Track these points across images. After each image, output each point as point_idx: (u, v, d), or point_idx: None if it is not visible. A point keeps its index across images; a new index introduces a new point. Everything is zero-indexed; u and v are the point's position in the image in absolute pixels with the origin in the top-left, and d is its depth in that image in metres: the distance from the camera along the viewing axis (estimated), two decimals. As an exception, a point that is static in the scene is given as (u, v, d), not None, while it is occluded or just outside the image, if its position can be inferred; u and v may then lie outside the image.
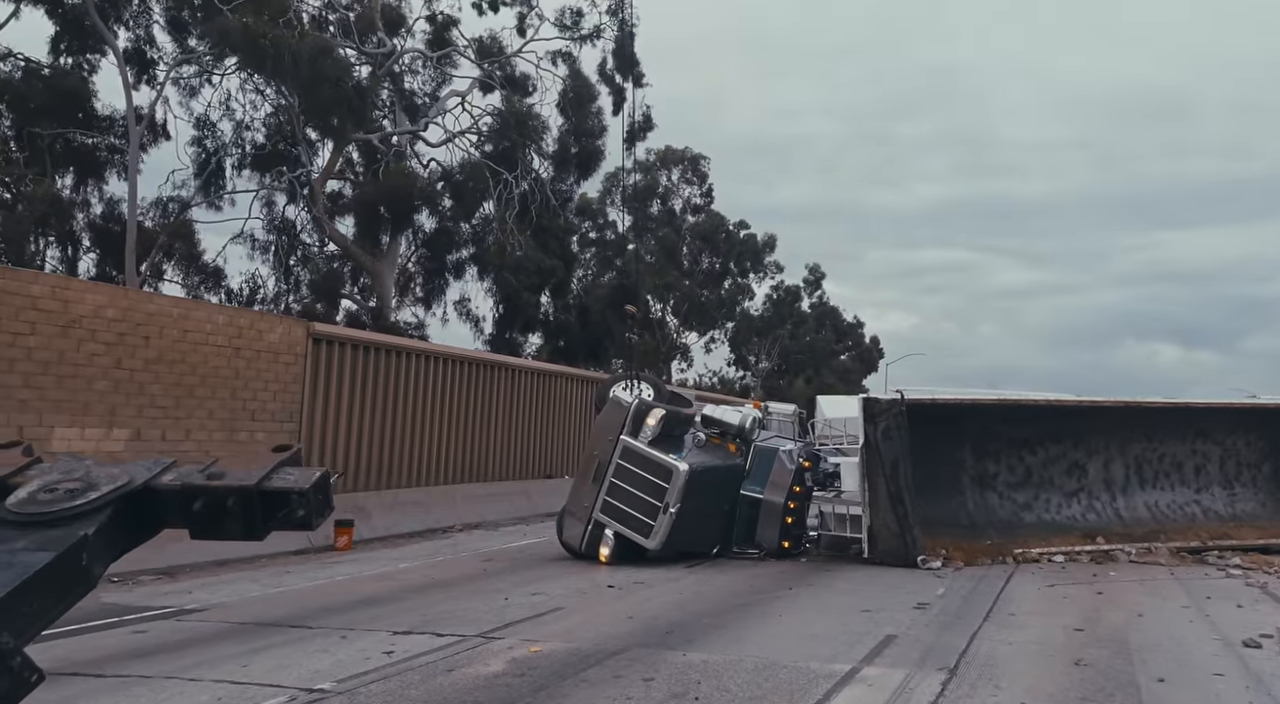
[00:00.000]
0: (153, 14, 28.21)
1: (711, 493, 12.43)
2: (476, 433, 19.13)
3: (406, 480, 16.89)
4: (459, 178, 30.10)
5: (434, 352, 18.66)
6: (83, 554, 1.80)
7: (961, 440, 14.54)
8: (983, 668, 6.80)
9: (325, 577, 10.88)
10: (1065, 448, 15.09)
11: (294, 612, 8.60)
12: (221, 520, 2.00)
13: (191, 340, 12.78)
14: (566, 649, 7.13)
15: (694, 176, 48.83)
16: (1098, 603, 9.77)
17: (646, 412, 12.43)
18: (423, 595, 9.57)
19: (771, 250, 51.22)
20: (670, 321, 49.20)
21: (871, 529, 12.51)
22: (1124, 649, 7.47)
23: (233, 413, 13.33)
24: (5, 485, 1.95)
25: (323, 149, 29.79)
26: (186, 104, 28.92)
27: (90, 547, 1.81)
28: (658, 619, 8.42)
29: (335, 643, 7.31)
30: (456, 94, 31.07)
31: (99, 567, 1.87)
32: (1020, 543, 13.45)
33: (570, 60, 31.52)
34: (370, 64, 29.11)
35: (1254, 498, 15.84)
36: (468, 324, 33.62)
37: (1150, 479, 15.50)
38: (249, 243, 30.73)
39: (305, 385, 14.54)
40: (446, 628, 7.84)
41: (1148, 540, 13.97)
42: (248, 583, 10.32)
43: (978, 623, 8.52)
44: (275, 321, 14.94)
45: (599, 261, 42.58)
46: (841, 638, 7.73)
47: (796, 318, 56.50)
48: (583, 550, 12.21)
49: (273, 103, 28.88)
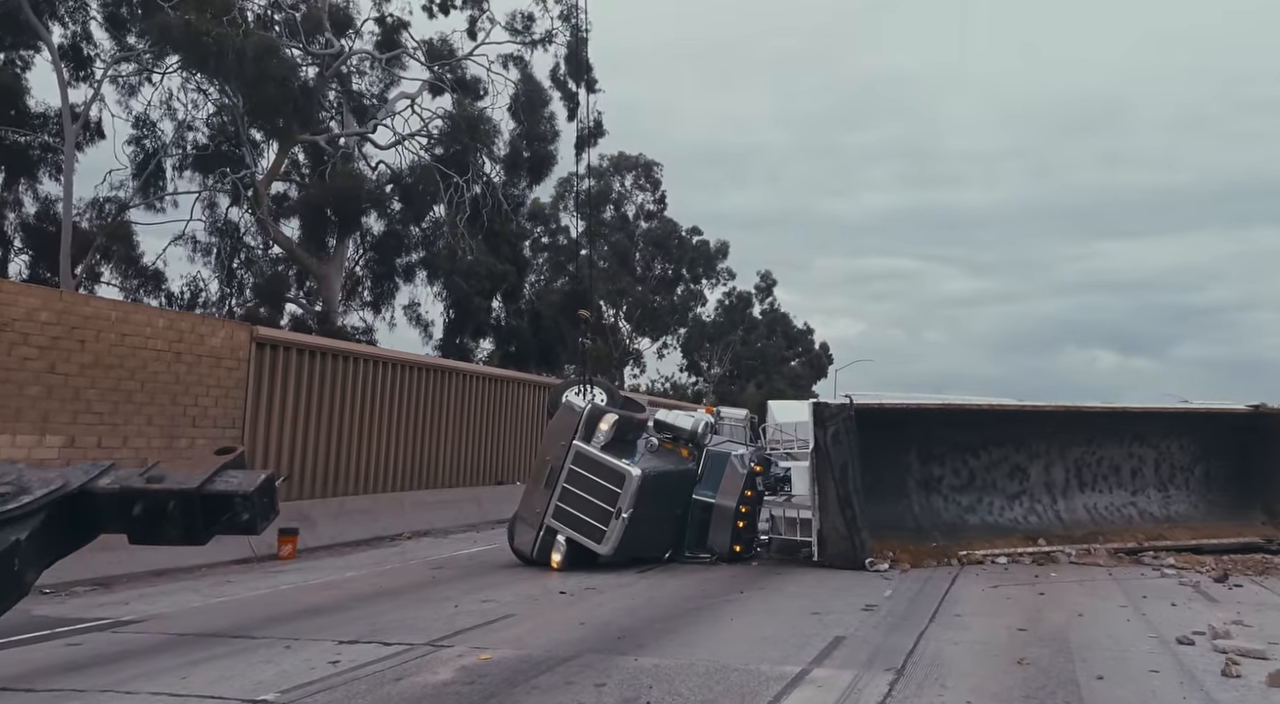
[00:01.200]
0: (90, 9, 27.44)
1: (664, 498, 12.45)
2: (426, 439, 18.91)
3: (353, 488, 16.63)
4: (408, 180, 29.78)
5: (382, 356, 18.40)
6: (14, 560, 1.74)
7: (908, 445, 14.78)
8: (929, 668, 6.91)
9: (269, 586, 10.64)
10: (1007, 451, 15.43)
11: (236, 622, 8.39)
12: (161, 525, 1.94)
13: (130, 344, 12.43)
14: (517, 656, 7.07)
15: (647, 183, 49.03)
16: (1039, 603, 9.99)
17: (599, 417, 12.41)
18: (370, 604, 9.42)
19: (724, 257, 51.65)
20: (623, 327, 49.25)
21: (821, 533, 12.63)
22: (1065, 648, 7.65)
23: (173, 419, 12.99)
24: None
25: (268, 150, 29.25)
26: (125, 103, 28.18)
27: (22, 552, 1.75)
28: (609, 624, 8.40)
29: (279, 653, 7.15)
30: (406, 96, 30.76)
31: (31, 573, 1.80)
32: (965, 545, 13.70)
33: (522, 64, 31.45)
34: (317, 65, 28.67)
35: (1187, 500, 16.36)
36: (417, 329, 33.26)
37: (1089, 482, 15.92)
38: (190, 245, 30.05)
39: (248, 391, 14.23)
40: (394, 636, 7.72)
41: (1087, 542, 14.34)
42: (187, 593, 10.05)
43: (924, 624, 8.65)
44: (217, 325, 14.61)
45: (551, 266, 42.45)
46: (791, 640, 7.79)
47: (748, 324, 56.97)
48: (535, 557, 12.13)
49: (216, 102, 28.24)
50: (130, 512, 1.95)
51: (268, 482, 2.06)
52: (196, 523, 1.99)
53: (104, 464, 2.06)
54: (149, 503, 1.94)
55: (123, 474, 2.01)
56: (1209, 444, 16.60)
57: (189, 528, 1.99)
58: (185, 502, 1.94)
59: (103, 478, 1.97)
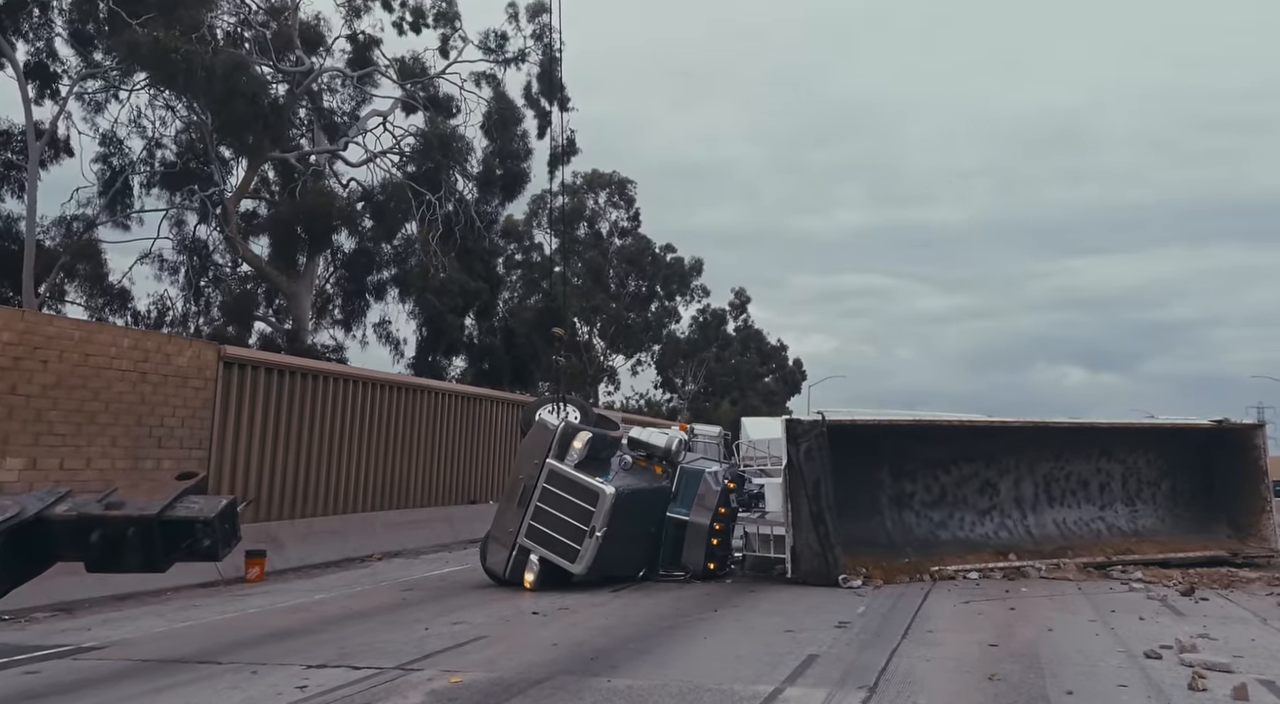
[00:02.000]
0: (55, 26, 27.15)
1: (638, 516, 12.41)
2: (397, 458, 18.73)
3: (323, 508, 16.42)
4: (380, 198, 29.65)
5: (353, 375, 18.24)
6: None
7: (880, 461, 14.86)
8: (901, 685, 6.92)
9: (235, 610, 10.46)
10: (978, 467, 15.56)
11: (202, 647, 8.23)
12: (120, 552, 1.91)
13: (94, 364, 12.22)
14: (489, 679, 6.99)
15: (621, 200, 49.18)
16: (1010, 618, 10.05)
17: (573, 435, 12.36)
18: (339, 627, 9.28)
19: (698, 274, 51.88)
20: (597, 344, 49.22)
21: (795, 549, 12.65)
22: (1035, 663, 7.70)
23: (137, 440, 12.78)
24: None
25: (237, 167, 29.04)
26: (92, 120, 27.89)
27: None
28: (582, 645, 8.34)
29: (246, 679, 7.02)
30: (378, 114, 30.71)
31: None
32: (937, 560, 13.77)
33: (494, 82, 31.50)
34: (288, 82, 28.54)
35: (1154, 514, 16.57)
36: (389, 347, 33.02)
37: (1058, 497, 16.08)
38: (157, 263, 29.72)
39: (216, 410, 14.04)
40: (363, 660, 7.61)
41: (1056, 556, 14.47)
42: (152, 618, 9.85)
43: (896, 640, 8.67)
44: (184, 344, 14.42)
45: (525, 284, 42.37)
46: (765, 659, 7.77)
47: (722, 341, 57.15)
48: (507, 577, 12.03)
49: (184, 120, 28.02)
50: (87, 539, 1.91)
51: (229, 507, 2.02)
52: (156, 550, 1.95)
53: (60, 490, 2.02)
54: (107, 530, 1.90)
55: (80, 500, 1.97)
56: (1175, 459, 16.84)
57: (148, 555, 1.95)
58: (144, 528, 1.90)
59: (59, 504, 1.93)
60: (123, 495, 2.02)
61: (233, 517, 2.06)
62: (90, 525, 1.92)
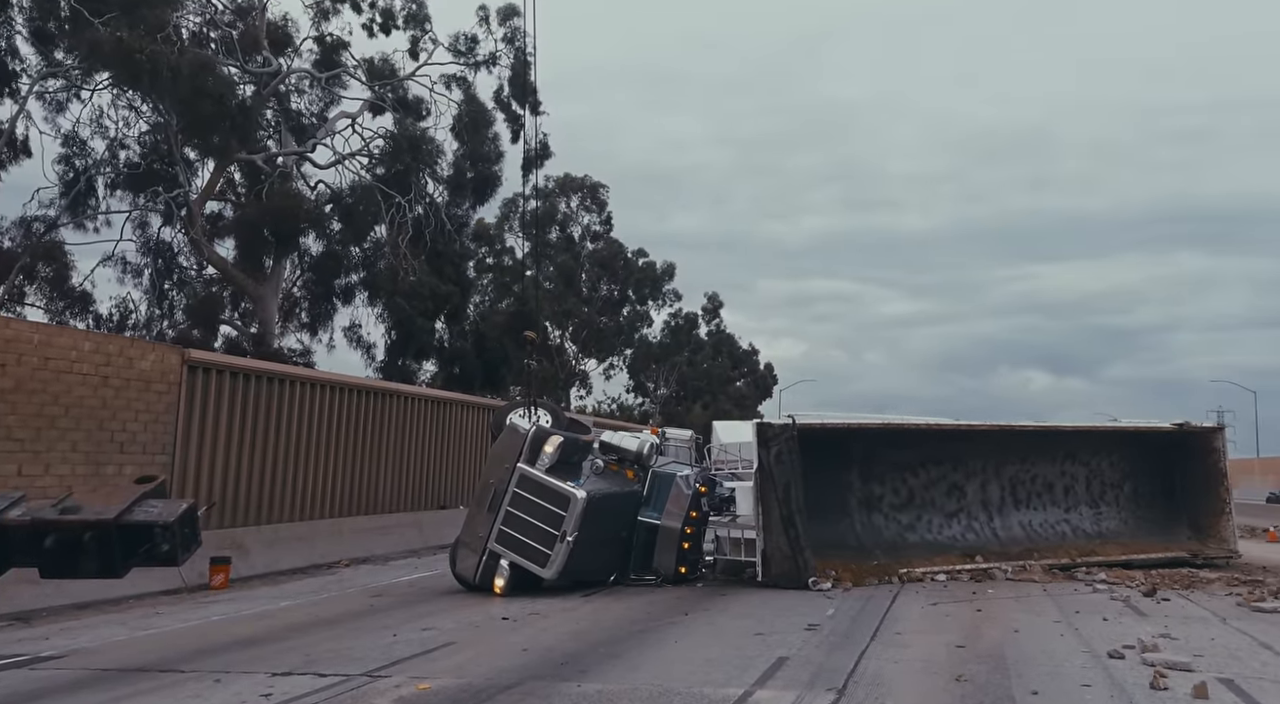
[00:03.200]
0: (15, 24, 26.61)
1: (609, 520, 12.38)
2: (366, 463, 18.55)
3: (289, 514, 16.21)
4: (349, 200, 29.36)
5: (320, 379, 18.04)
6: None
7: (849, 464, 14.96)
8: (870, 687, 6.96)
9: (199, 617, 10.29)
10: (945, 470, 15.72)
11: (164, 655, 8.08)
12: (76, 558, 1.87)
13: (54, 368, 11.98)
14: (457, 685, 6.93)
15: (593, 204, 49.13)
16: (977, 620, 10.16)
17: (544, 439, 12.31)
18: (305, 634, 9.16)
19: (670, 278, 52.01)
20: (569, 348, 49.10)
21: (765, 552, 12.69)
22: (1001, 664, 7.78)
23: (99, 445, 12.54)
24: None
25: (202, 169, 28.57)
26: (53, 119, 27.32)
27: None
28: (552, 650, 8.30)
29: (209, 687, 6.90)
30: (346, 115, 30.41)
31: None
32: (905, 563, 13.89)
33: (465, 85, 31.31)
34: (255, 83, 28.19)
35: (1117, 516, 16.84)
36: (358, 351, 32.65)
37: (1024, 499, 16.29)
38: (121, 266, 29.17)
39: (179, 415, 13.82)
40: (330, 668, 7.51)
41: (1022, 558, 14.65)
42: (113, 626, 9.66)
43: (865, 642, 8.73)
44: (147, 348, 14.17)
45: (496, 288, 42.18)
46: (735, 662, 7.79)
47: (694, 345, 57.29)
48: (477, 582, 11.95)
49: (149, 120, 27.53)
50: (42, 544, 1.86)
51: (189, 511, 1.99)
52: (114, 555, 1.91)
53: (14, 494, 1.97)
54: (62, 535, 1.86)
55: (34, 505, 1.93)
56: (1137, 462, 17.13)
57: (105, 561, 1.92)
58: (101, 533, 1.86)
59: (12, 509, 1.88)
60: (79, 500, 1.98)
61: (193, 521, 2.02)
62: (45, 530, 1.88)
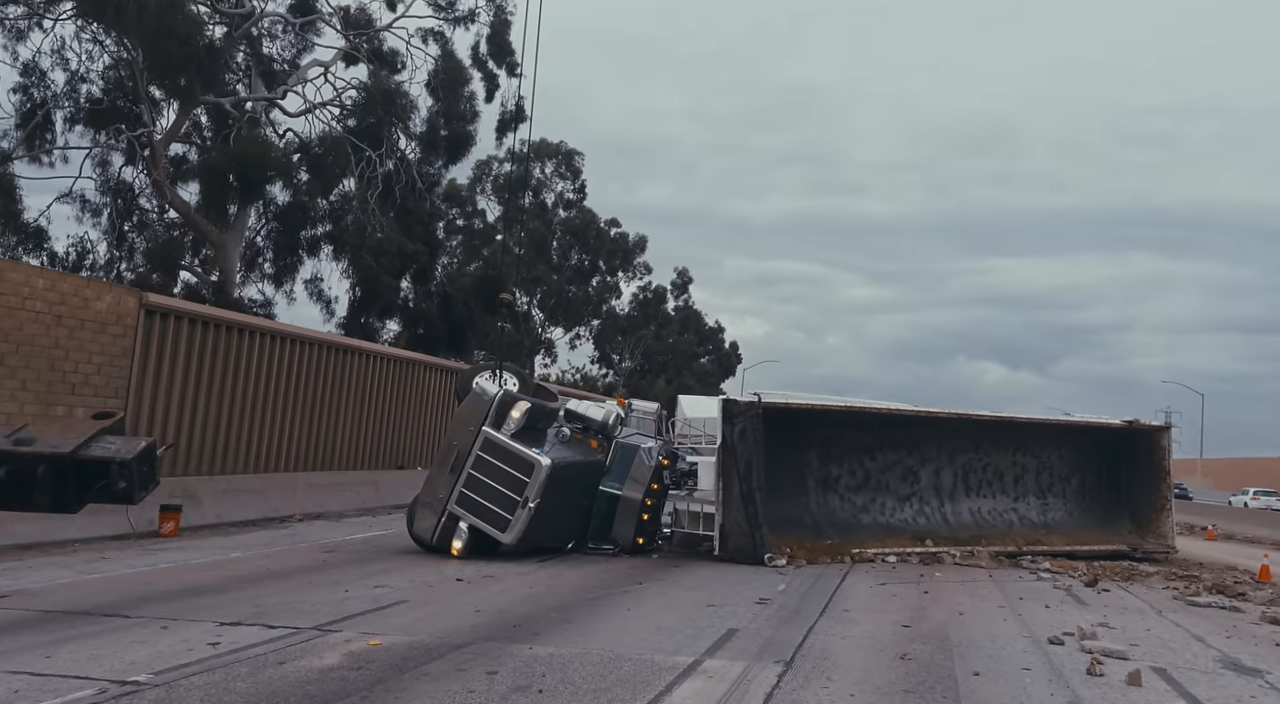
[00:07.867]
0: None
1: (572, 488, 12.38)
2: (324, 419, 18.36)
3: (243, 466, 16.02)
4: (318, 151, 28.74)
5: (281, 331, 17.77)
6: None
7: (809, 444, 15.11)
8: (817, 661, 7.08)
9: (146, 564, 10.14)
10: (901, 455, 15.95)
11: (109, 600, 7.95)
12: (29, 491, 1.81)
13: (4, 304, 11.66)
14: (408, 642, 6.93)
15: (568, 171, 48.66)
16: (924, 602, 10.36)
17: (511, 404, 12.24)
18: (255, 586, 9.07)
19: (642, 251, 51.86)
20: (536, 315, 48.82)
21: (723, 527, 12.81)
22: (945, 645, 7.95)
23: (49, 385, 12.26)
24: None
25: (168, 109, 27.79)
26: (12, 48, 26.32)
27: None
28: (506, 613, 8.32)
29: (155, 633, 6.82)
30: (319, 64, 29.69)
31: None
32: (857, 543, 14.11)
33: (443, 40, 30.72)
34: (226, 24, 27.40)
35: (1063, 508, 17.23)
36: (319, 305, 32.17)
37: (975, 487, 16.60)
38: (79, 204, 28.32)
39: (135, 359, 13.54)
40: (279, 620, 7.46)
41: (970, 544, 14.95)
42: (58, 569, 9.48)
43: (814, 618, 8.87)
44: (104, 289, 13.84)
45: (466, 250, 41.71)
46: (686, 631, 7.86)
47: (661, 320, 57.27)
48: (434, 543, 11.91)
49: (113, 55, 26.67)
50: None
51: (148, 449, 1.94)
52: (68, 490, 1.86)
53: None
54: (15, 466, 1.79)
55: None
56: (1086, 456, 17.51)
57: (59, 495, 1.86)
58: (56, 466, 1.80)
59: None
60: (35, 431, 1.92)
61: (151, 459, 1.97)
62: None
